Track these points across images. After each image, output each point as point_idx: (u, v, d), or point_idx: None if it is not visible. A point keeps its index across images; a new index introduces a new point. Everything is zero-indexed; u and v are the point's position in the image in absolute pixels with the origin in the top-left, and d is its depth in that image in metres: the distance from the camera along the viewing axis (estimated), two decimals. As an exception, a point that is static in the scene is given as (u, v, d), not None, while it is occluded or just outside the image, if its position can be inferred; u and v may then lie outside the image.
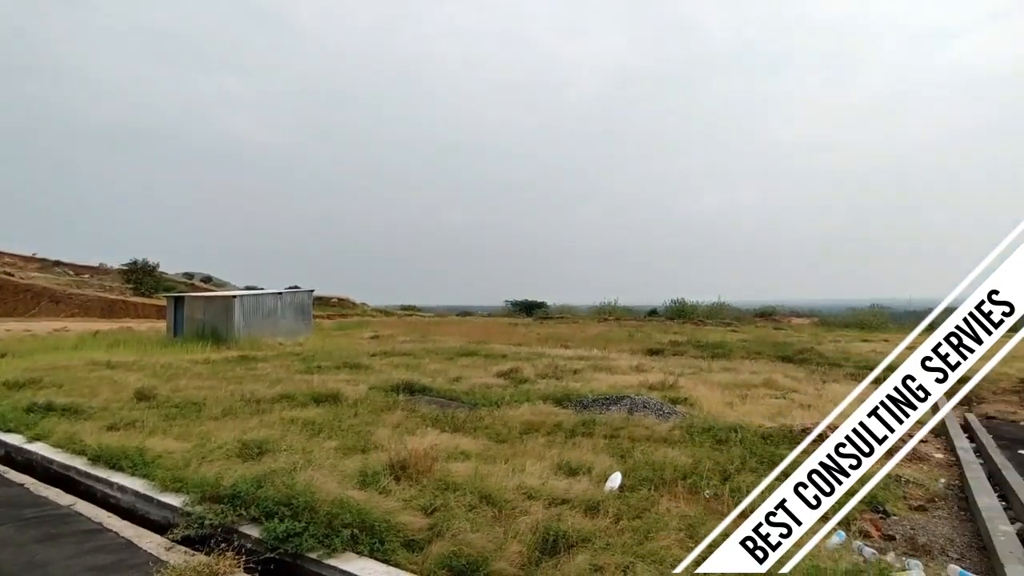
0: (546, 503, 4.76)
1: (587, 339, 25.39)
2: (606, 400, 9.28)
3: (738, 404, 9.95)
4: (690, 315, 46.99)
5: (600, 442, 6.94)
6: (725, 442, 6.98)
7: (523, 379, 12.05)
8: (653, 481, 5.44)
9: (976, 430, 8.97)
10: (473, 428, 7.62)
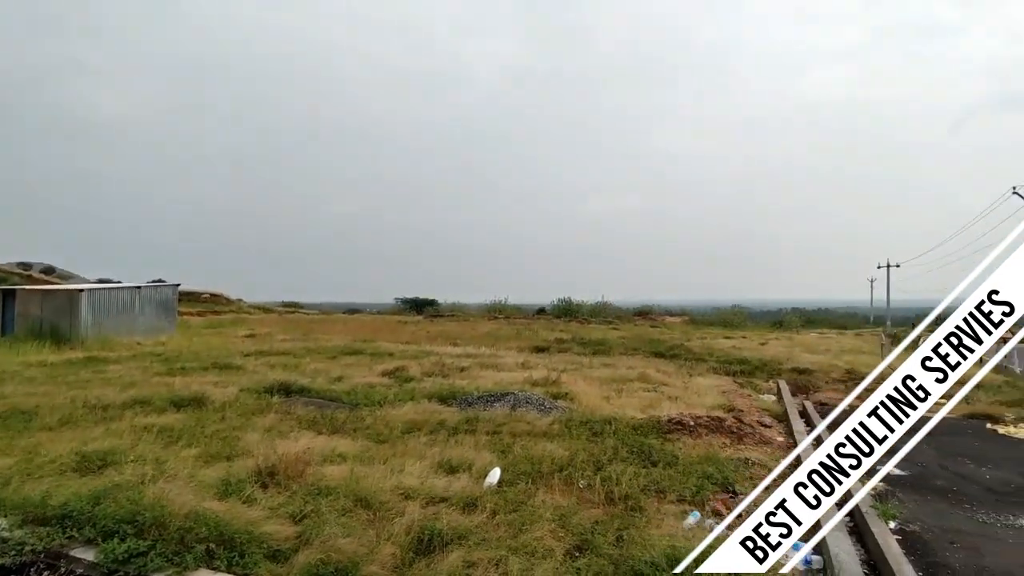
0: (424, 502, 4.72)
1: (476, 337, 25.56)
2: (491, 397, 9.39)
3: (614, 398, 10.50)
4: (576, 314, 48.97)
5: (482, 439, 7.01)
6: (600, 434, 7.35)
7: (409, 378, 11.87)
8: (531, 475, 5.59)
9: (812, 415, 10.21)
10: (353, 429, 7.36)
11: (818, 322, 55.70)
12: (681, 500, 5.27)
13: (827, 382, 15.25)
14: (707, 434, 7.65)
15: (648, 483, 5.53)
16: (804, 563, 4.19)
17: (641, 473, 5.79)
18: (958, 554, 4.53)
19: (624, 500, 5.04)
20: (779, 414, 10.15)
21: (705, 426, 7.86)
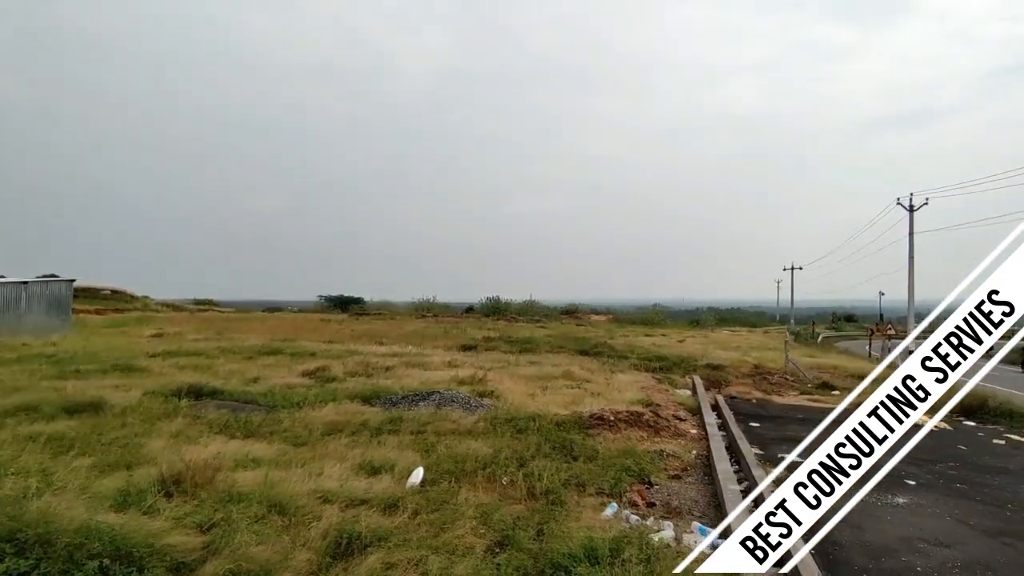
0: (343, 505, 4.61)
1: (403, 335, 25.17)
2: (416, 396, 9.29)
3: (539, 395, 10.68)
4: (504, 312, 49.31)
5: (406, 439, 6.94)
6: (525, 431, 7.45)
7: (331, 378, 11.51)
8: (455, 473, 5.59)
9: (722, 408, 10.84)
10: (269, 432, 7.05)
11: (731, 320, 59.21)
12: (600, 493, 5.45)
13: (737, 377, 16.22)
14: (626, 428, 7.95)
15: (569, 477, 5.68)
16: (711, 547, 4.44)
17: (563, 468, 5.93)
18: (844, 531, 4.94)
19: (546, 495, 5.14)
20: (694, 408, 10.69)
21: (625, 421, 8.16)
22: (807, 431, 9.12)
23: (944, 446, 8.64)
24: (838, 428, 2.78)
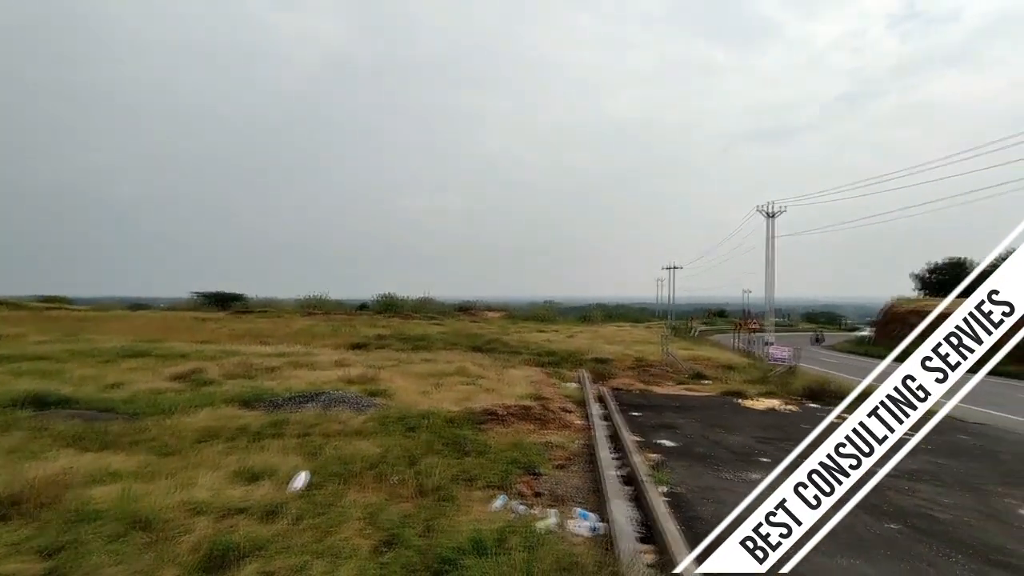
0: (218, 516, 4.33)
1: (290, 334, 23.94)
2: (302, 398, 8.90)
3: (432, 392, 10.66)
4: (398, 309, 48.44)
5: (290, 442, 6.63)
6: (416, 429, 7.42)
7: (206, 381, 10.70)
8: (342, 475, 5.44)
9: (607, 399, 11.46)
10: (131, 443, 6.42)
11: (617, 317, 62.54)
12: (490, 486, 5.56)
13: (621, 370, 17.21)
14: (516, 422, 8.17)
15: (459, 472, 5.74)
16: (592, 531, 4.71)
17: (453, 464, 5.98)
18: (708, 507, 5.46)
19: (435, 491, 5.16)
20: (580, 400, 11.20)
21: (514, 415, 8.38)
22: (682, 418, 9.93)
23: (792, 426, 9.78)
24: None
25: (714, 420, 10.04)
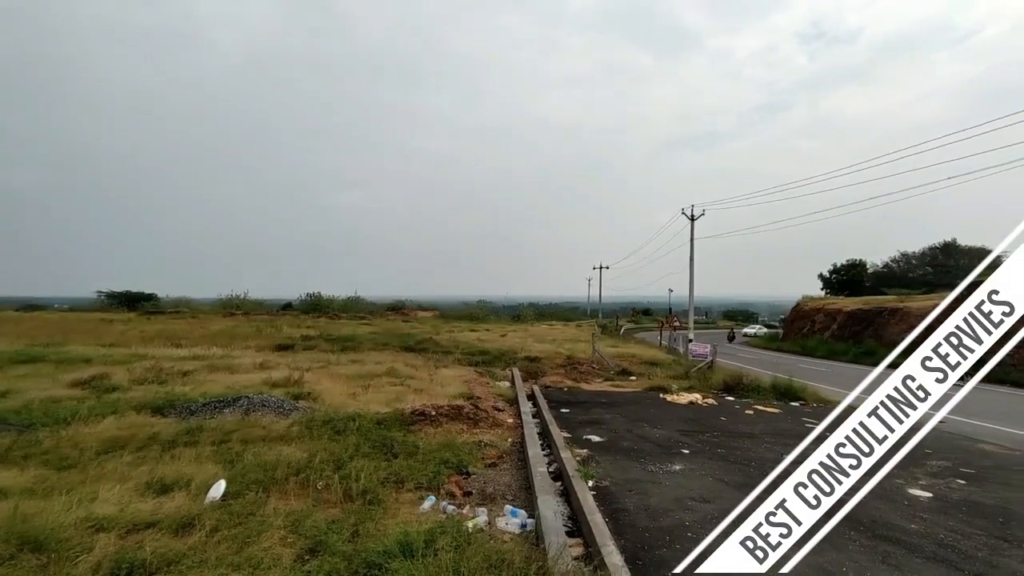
0: (124, 532, 4.04)
1: (208, 336, 22.62)
2: (220, 403, 8.44)
3: (361, 394, 10.41)
4: (326, 309, 46.95)
5: (206, 450, 6.29)
6: (343, 432, 7.22)
7: (111, 387, 9.95)
8: (263, 483, 5.23)
9: (538, 397, 11.63)
10: (22, 456, 5.87)
11: (549, 315, 63.56)
12: (419, 487, 5.52)
13: (552, 367, 17.49)
14: (447, 422, 8.13)
15: (388, 475, 5.65)
16: (521, 527, 4.77)
17: (382, 466, 5.88)
18: (633, 498, 5.66)
19: (363, 495, 5.06)
20: (512, 398, 11.30)
21: (446, 415, 8.34)
22: (609, 413, 10.19)
23: (710, 418, 10.31)
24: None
25: (639, 415, 10.41)
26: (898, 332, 31.14)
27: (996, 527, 5.23)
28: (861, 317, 36.23)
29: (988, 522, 5.36)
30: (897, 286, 47.65)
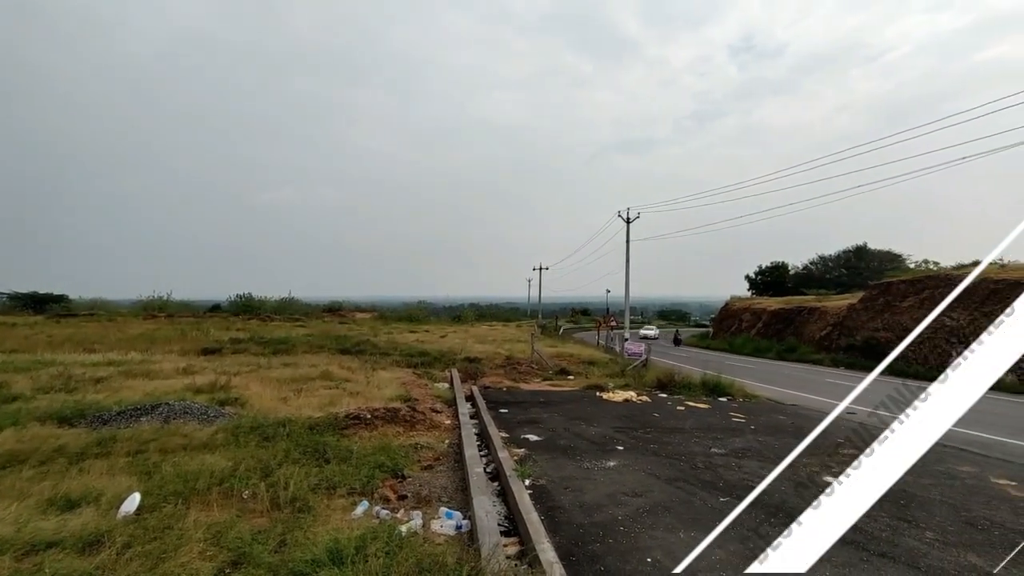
0: (21, 553, 3.71)
1: (125, 340, 21.17)
2: (136, 411, 7.92)
3: (293, 398, 10.05)
4: (257, 311, 45.09)
5: (120, 461, 5.89)
6: (272, 438, 6.95)
7: (11, 396, 9.13)
8: (183, 494, 4.94)
9: (477, 397, 11.60)
10: (-99, 475, 5.29)
11: (489, 316, 63.66)
12: (352, 492, 5.37)
13: (491, 368, 17.52)
14: (383, 425, 7.97)
15: (320, 481, 5.48)
16: (456, 529, 4.74)
17: (313, 472, 5.69)
18: (568, 495, 5.74)
19: (292, 503, 4.87)
20: (450, 399, 11.22)
21: (381, 418, 8.17)
22: (547, 412, 10.25)
23: (644, 415, 10.61)
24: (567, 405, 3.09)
25: (576, 413, 10.59)
26: (816, 330, 33.24)
27: (898, 509, 5.66)
28: (784, 316, 38.42)
29: (891, 504, 5.79)
30: (816, 287, 50.89)
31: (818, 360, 29.01)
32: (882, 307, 27.88)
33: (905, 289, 27.06)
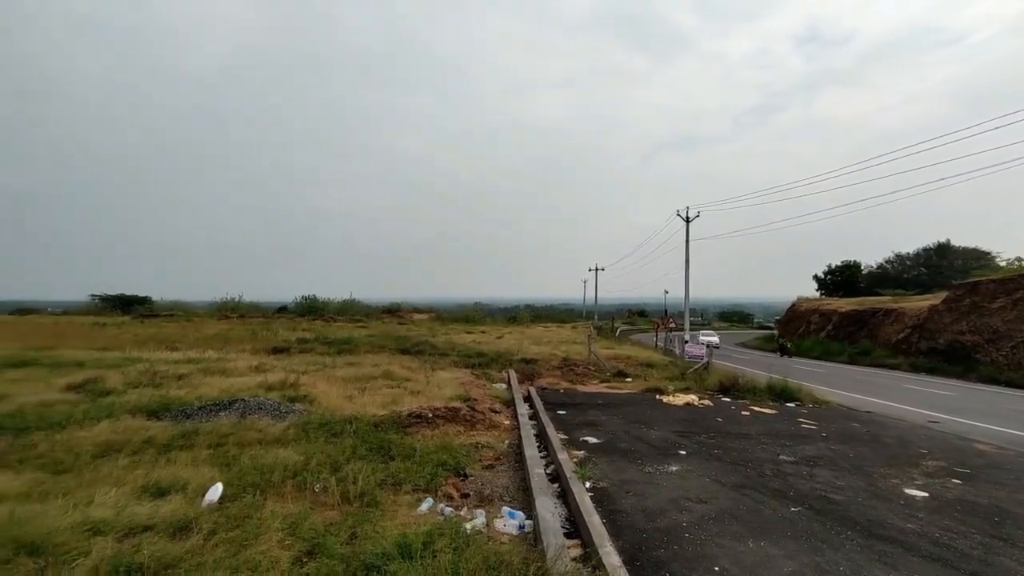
0: (120, 535, 4.02)
1: (202, 339, 22.51)
2: (215, 406, 8.41)
3: (357, 396, 10.39)
4: (321, 312, 46.84)
5: (202, 453, 6.27)
6: (340, 434, 7.22)
7: (106, 391, 9.90)
8: (260, 486, 5.21)
9: (534, 398, 11.63)
10: (17, 460, 5.84)
11: (544, 317, 63.59)
12: (416, 489, 5.51)
13: (548, 369, 17.50)
14: (444, 424, 8.12)
15: (385, 477, 5.64)
16: (519, 528, 4.77)
17: (379, 469, 5.87)
18: (630, 499, 5.68)
19: (360, 498, 5.05)
20: (508, 400, 11.30)
21: (442, 417, 8.33)
22: (605, 415, 10.18)
23: (706, 419, 10.33)
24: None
25: (635, 416, 10.43)
26: (893, 332, 31.33)
27: (991, 526, 5.27)
28: (856, 317, 36.43)
29: (983, 521, 5.39)
30: (892, 287, 47.96)
31: (895, 364, 27.35)
32: (968, 308, 25.98)
33: (995, 289, 25.11)
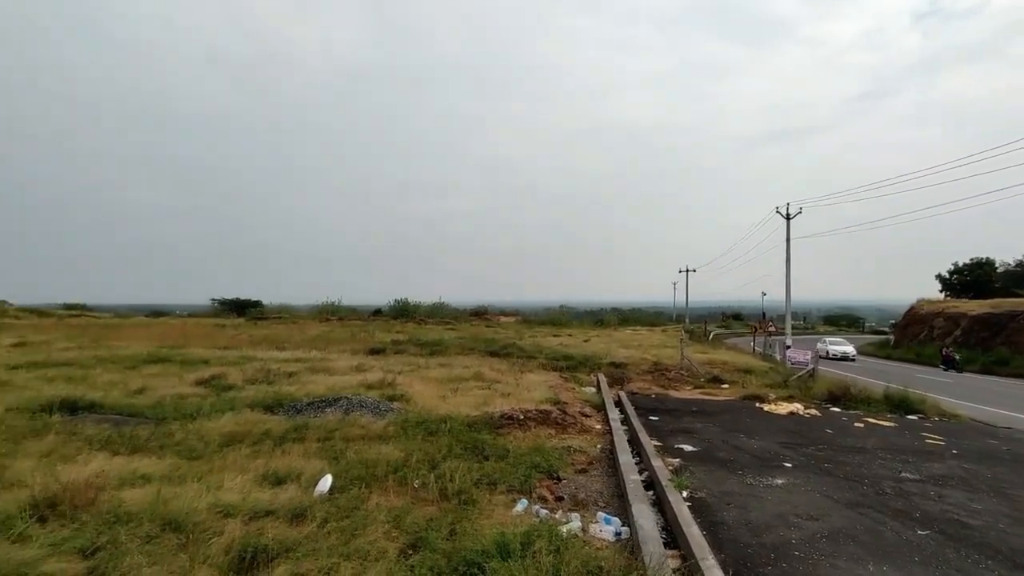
0: (247, 518, 4.40)
1: (306, 340, 24.15)
2: (322, 402, 9.00)
3: (450, 397, 10.71)
4: (413, 314, 48.72)
5: (312, 446, 6.72)
6: (436, 433, 7.47)
7: (228, 386, 10.88)
8: (365, 479, 5.50)
9: (624, 403, 11.42)
10: (159, 446, 6.55)
11: (632, 320, 62.21)
12: (511, 490, 5.59)
13: (638, 374, 17.13)
14: (535, 426, 8.18)
15: (481, 477, 5.77)
16: (615, 535, 4.71)
17: (474, 468, 6.01)
18: (732, 512, 5.43)
19: (457, 495, 5.19)
20: (598, 404, 11.19)
21: (533, 419, 8.39)
22: (701, 422, 9.85)
23: (814, 430, 9.67)
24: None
25: (734, 424, 9.96)
26: (1035, 339, 27.78)
27: None
28: (991, 322, 32.65)
29: None
30: (1032, 287, 42.43)
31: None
32: None
33: None
